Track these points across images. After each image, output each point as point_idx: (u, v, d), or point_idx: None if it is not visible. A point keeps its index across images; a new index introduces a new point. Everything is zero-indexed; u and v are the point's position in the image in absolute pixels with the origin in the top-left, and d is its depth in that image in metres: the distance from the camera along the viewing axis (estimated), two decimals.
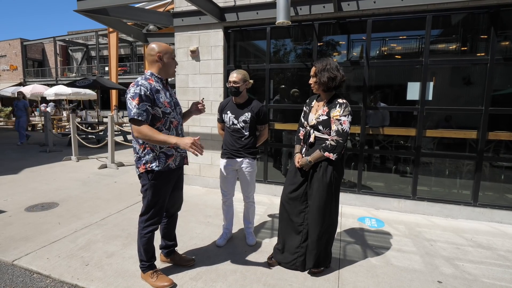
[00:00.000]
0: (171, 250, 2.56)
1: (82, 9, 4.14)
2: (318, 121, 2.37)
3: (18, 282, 2.35)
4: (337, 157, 2.29)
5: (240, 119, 2.74)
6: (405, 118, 4.24)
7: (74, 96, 14.77)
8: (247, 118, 2.72)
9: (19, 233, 3.12)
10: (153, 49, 2.16)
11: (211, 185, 4.81)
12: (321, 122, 2.35)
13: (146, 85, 2.04)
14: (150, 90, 2.05)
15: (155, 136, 1.99)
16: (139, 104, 1.99)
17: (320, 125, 2.36)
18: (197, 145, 1.96)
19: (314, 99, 2.57)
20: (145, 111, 2.01)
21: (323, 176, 2.34)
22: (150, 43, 2.22)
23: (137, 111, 1.98)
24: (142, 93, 2.01)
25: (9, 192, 4.48)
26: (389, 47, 4.20)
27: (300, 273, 2.48)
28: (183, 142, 1.96)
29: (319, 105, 2.46)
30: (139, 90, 2.01)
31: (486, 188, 3.79)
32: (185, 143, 1.95)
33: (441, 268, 2.61)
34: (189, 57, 4.72)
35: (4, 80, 25.99)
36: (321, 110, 2.39)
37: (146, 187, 2.17)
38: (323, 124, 2.35)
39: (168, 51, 2.19)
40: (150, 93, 2.04)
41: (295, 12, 4.02)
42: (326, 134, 2.35)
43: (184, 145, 1.96)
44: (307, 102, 2.61)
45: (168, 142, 1.99)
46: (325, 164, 2.34)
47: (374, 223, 3.57)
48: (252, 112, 2.73)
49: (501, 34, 3.50)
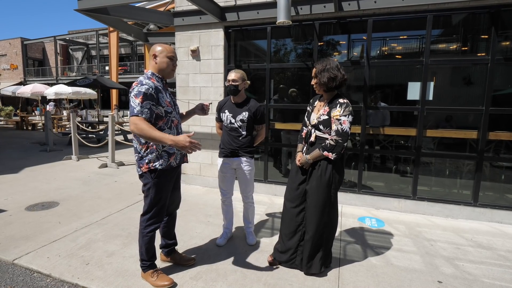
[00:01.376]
0: (171, 249, 2.57)
1: (82, 8, 4.14)
2: (319, 121, 2.39)
3: (18, 281, 2.35)
4: (336, 157, 2.30)
5: (238, 118, 2.75)
6: (406, 118, 4.24)
7: (74, 96, 14.76)
8: (245, 117, 2.74)
9: (19, 232, 3.12)
10: (152, 49, 2.21)
11: (211, 185, 4.81)
12: (322, 121, 2.37)
13: (150, 84, 2.05)
14: (154, 89, 2.06)
15: (151, 132, 1.93)
16: (143, 102, 2.00)
17: (321, 125, 2.38)
18: (194, 143, 1.92)
19: (317, 99, 2.59)
20: (148, 109, 2.02)
21: (321, 175, 2.35)
22: (154, 45, 2.24)
23: (140, 109, 1.99)
24: (146, 91, 2.01)
25: (9, 191, 4.48)
26: (389, 47, 4.20)
27: (300, 272, 2.49)
28: (180, 143, 1.90)
29: (321, 105, 2.48)
30: (143, 88, 2.01)
31: (486, 188, 3.79)
32: (183, 145, 1.90)
33: (441, 268, 2.61)
34: (190, 56, 4.72)
35: (5, 79, 26.00)
36: (323, 109, 2.41)
37: (148, 186, 2.17)
38: (324, 124, 2.36)
39: (162, 50, 2.17)
40: (154, 92, 2.05)
41: (295, 11, 4.02)
42: (326, 133, 2.37)
43: (182, 146, 1.91)
44: (310, 102, 2.64)
45: (164, 141, 1.93)
46: (325, 164, 2.35)
47: (374, 223, 3.58)
48: (250, 111, 2.74)
49: (501, 34, 3.50)
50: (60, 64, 26.64)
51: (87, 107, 20.86)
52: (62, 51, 27.28)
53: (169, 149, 2.18)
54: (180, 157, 2.31)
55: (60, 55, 26.69)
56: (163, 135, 1.95)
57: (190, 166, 4.93)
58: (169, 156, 2.19)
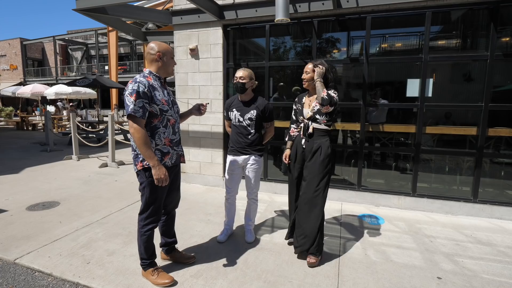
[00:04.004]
0: (171, 247, 2.58)
1: (81, 8, 4.13)
2: (313, 112, 2.58)
3: (20, 281, 2.37)
4: (327, 98, 2.43)
5: (246, 116, 2.76)
6: (405, 115, 4.24)
7: (74, 95, 14.76)
8: (253, 115, 2.75)
9: (20, 232, 3.14)
10: (153, 48, 2.18)
11: (211, 183, 4.82)
12: (317, 111, 2.56)
13: (144, 82, 2.07)
14: (148, 87, 2.07)
15: (143, 145, 2.03)
16: (136, 100, 2.01)
17: (317, 114, 2.56)
18: (163, 180, 2.09)
19: (303, 96, 2.77)
20: (141, 107, 2.03)
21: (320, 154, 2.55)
22: (150, 42, 2.24)
23: (134, 108, 2.01)
24: (140, 89, 2.03)
25: (10, 191, 4.50)
26: (388, 43, 4.19)
27: (300, 270, 2.50)
28: (157, 174, 2.06)
29: (311, 100, 2.67)
30: (136, 86, 2.03)
31: (486, 184, 3.79)
32: (159, 176, 2.06)
33: (441, 264, 2.62)
34: (189, 55, 4.71)
35: (5, 80, 26.00)
36: (315, 102, 2.59)
37: (144, 185, 2.18)
38: (319, 113, 2.56)
39: (168, 50, 2.22)
40: (148, 90, 2.06)
41: (294, 9, 4.01)
42: (323, 123, 2.57)
43: (156, 175, 2.06)
44: (296, 101, 2.82)
45: (148, 159, 2.05)
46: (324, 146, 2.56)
47: (374, 220, 3.58)
48: (258, 109, 2.76)
49: (501, 30, 3.49)
50: (60, 64, 26.63)
51: (87, 106, 20.87)
52: (61, 51, 27.26)
53: (163, 148, 2.19)
54: (177, 157, 2.31)
55: (59, 55, 26.68)
56: (151, 156, 2.06)
57: (190, 165, 4.94)
58: (163, 156, 2.19)
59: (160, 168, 2.08)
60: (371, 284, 2.33)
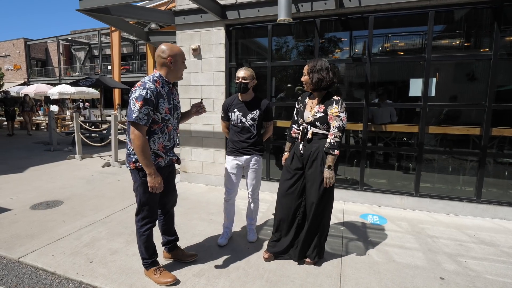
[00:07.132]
0: (173, 245, 2.59)
1: (84, 8, 4.16)
2: (315, 118, 2.47)
3: (24, 279, 2.39)
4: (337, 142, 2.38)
5: (249, 117, 2.75)
6: (408, 114, 4.22)
7: (77, 95, 14.84)
8: (256, 116, 2.74)
9: (24, 231, 3.16)
10: (164, 51, 2.12)
11: (214, 183, 4.83)
12: (318, 118, 2.45)
13: (152, 89, 2.03)
14: (155, 94, 2.04)
15: (142, 153, 2.01)
16: (142, 108, 1.98)
17: (318, 122, 2.45)
18: (157, 189, 2.09)
19: (306, 96, 2.66)
20: (146, 114, 2.00)
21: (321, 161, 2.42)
22: (161, 44, 2.16)
23: (138, 115, 1.98)
24: (148, 96, 2.00)
25: (14, 191, 4.53)
26: (391, 43, 4.17)
27: (302, 269, 2.50)
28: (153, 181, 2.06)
29: (313, 103, 2.56)
30: (144, 93, 1.99)
31: (489, 184, 3.77)
32: (153, 184, 2.06)
33: (443, 265, 2.61)
34: (191, 55, 4.72)
35: (9, 80, 26.19)
36: (317, 107, 2.48)
37: (137, 185, 2.18)
38: (321, 121, 2.44)
39: (179, 54, 2.18)
40: (155, 98, 2.04)
41: (296, 9, 4.01)
42: (323, 129, 2.45)
43: (151, 183, 2.06)
44: (299, 100, 2.71)
45: (145, 167, 2.04)
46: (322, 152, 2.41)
47: (377, 220, 3.57)
48: (260, 110, 2.76)
49: (504, 29, 3.47)
50: (63, 64, 26.79)
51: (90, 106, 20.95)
52: (64, 51, 27.42)
53: (157, 151, 2.17)
54: (169, 159, 2.30)
55: (62, 55, 26.83)
56: (148, 165, 2.04)
57: (192, 165, 4.95)
58: (156, 157, 2.19)
59: (156, 177, 2.07)
60: (374, 284, 2.33)
